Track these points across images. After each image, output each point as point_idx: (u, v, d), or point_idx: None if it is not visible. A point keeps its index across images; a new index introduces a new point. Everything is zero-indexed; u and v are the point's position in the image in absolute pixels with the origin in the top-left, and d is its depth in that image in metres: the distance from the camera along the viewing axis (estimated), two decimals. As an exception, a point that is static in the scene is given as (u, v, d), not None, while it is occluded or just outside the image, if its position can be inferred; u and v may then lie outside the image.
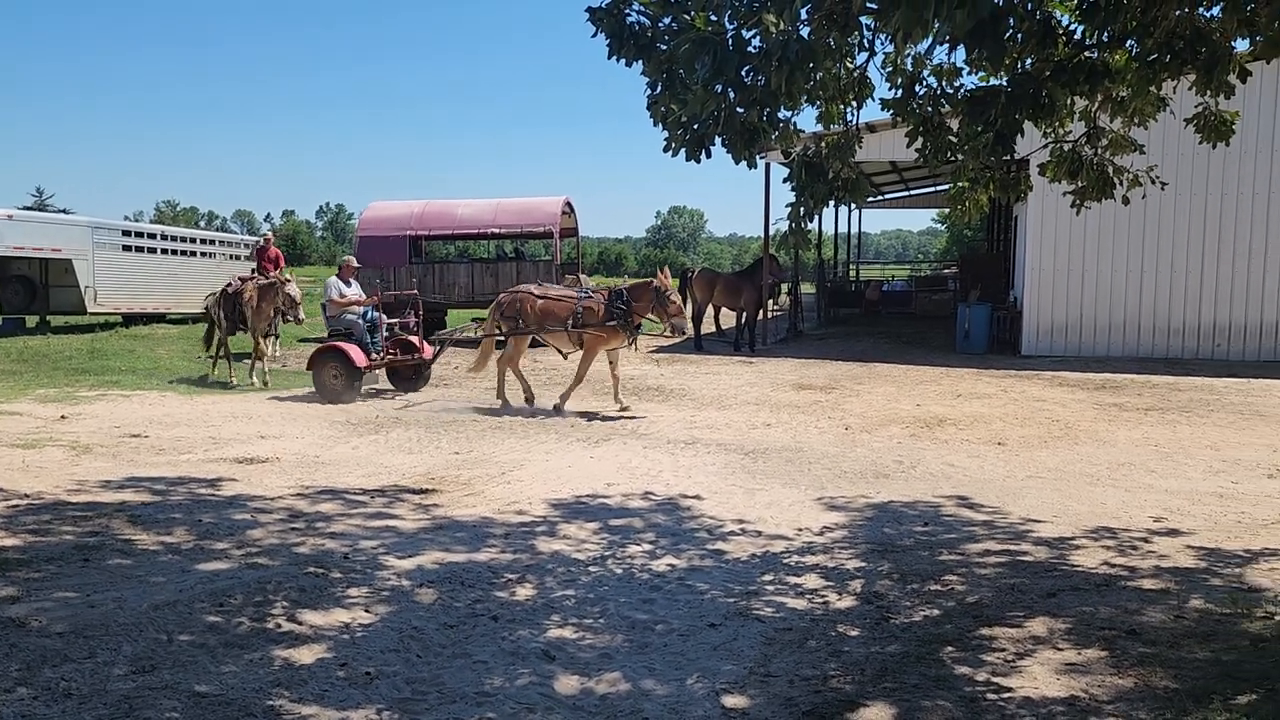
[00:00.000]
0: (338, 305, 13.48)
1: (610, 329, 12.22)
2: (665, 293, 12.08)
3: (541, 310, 12.55)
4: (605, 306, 12.21)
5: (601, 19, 4.84)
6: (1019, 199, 6.98)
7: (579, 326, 12.26)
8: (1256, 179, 17.70)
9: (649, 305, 12.17)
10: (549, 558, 6.39)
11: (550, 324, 12.53)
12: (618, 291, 12.46)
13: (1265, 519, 7.34)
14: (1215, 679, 4.44)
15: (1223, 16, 5.46)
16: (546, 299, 12.69)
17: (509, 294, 13.14)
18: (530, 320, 12.58)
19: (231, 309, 14.81)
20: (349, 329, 13.38)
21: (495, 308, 13.11)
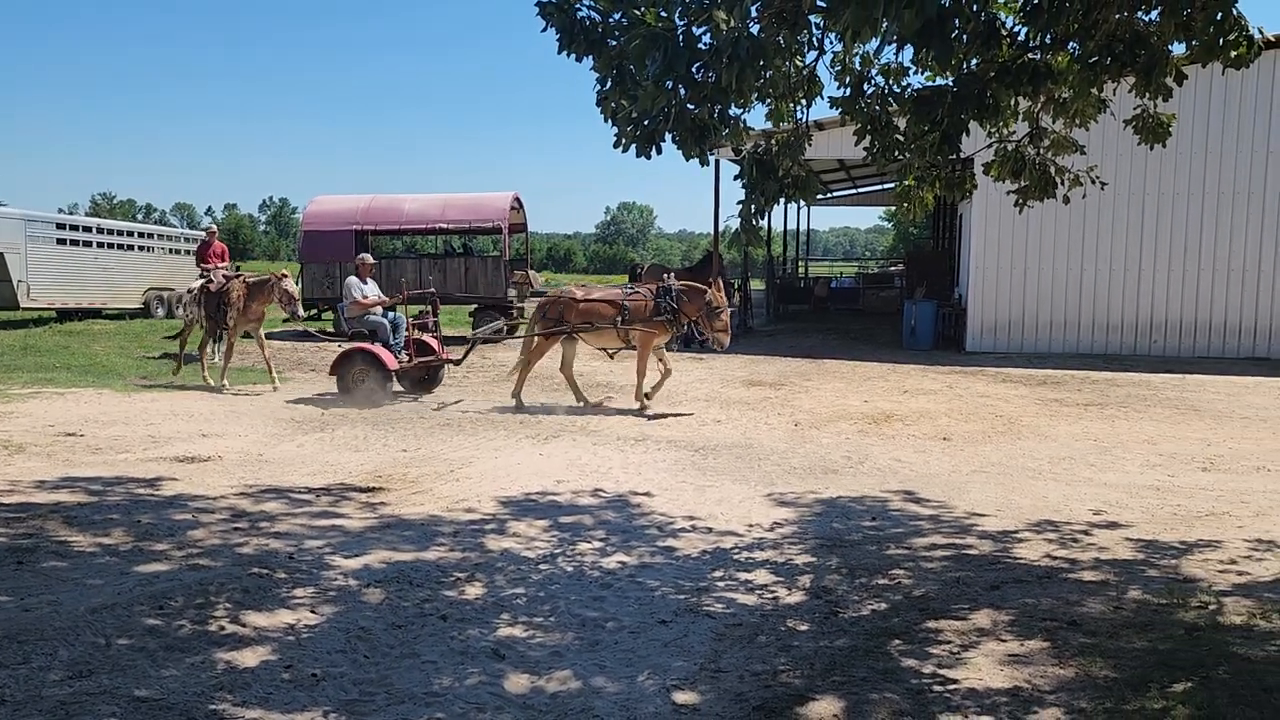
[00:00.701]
0: (361, 306, 12.92)
1: (659, 324, 12.13)
2: (717, 309, 12.02)
3: (586, 311, 12.39)
4: (653, 303, 12.13)
5: (552, 13, 4.81)
6: (964, 198, 7.08)
7: (627, 324, 12.15)
8: (1191, 180, 18.16)
9: (698, 311, 12.11)
10: (498, 556, 6.35)
11: (597, 323, 12.34)
12: (666, 288, 12.30)
13: (1199, 511, 7.53)
14: (1152, 668, 4.54)
15: (1160, 20, 5.58)
16: (590, 300, 12.54)
17: (551, 297, 12.95)
18: (574, 319, 12.40)
19: (215, 308, 13.93)
20: (374, 330, 12.82)
21: (538, 310, 12.89)
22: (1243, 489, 8.27)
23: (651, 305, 12.12)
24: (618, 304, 12.27)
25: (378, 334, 12.82)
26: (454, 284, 20.93)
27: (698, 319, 12.17)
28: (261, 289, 13.87)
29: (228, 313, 13.80)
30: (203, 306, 14.11)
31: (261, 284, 13.94)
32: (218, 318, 13.96)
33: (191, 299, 14.49)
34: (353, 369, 12.47)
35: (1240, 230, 18.19)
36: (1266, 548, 6.56)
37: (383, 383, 12.41)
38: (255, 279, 14.20)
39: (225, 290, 13.90)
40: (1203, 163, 18.06)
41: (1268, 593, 5.63)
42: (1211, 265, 18.35)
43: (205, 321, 14.17)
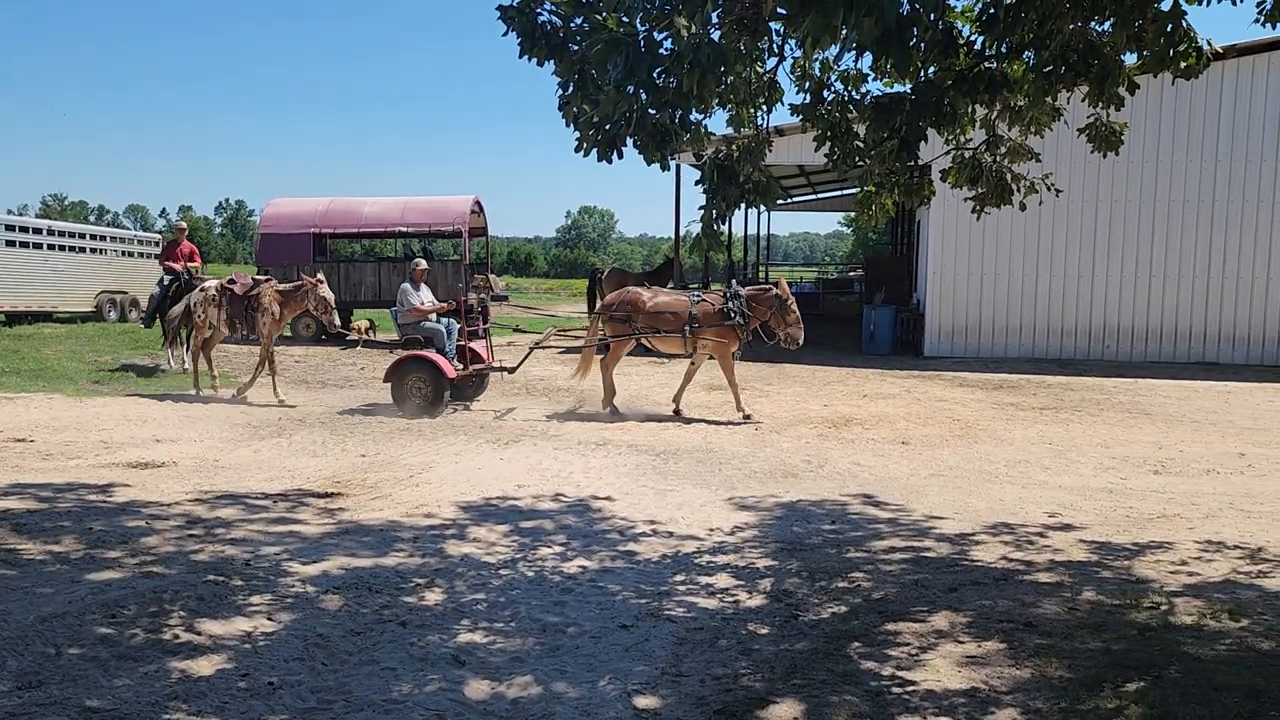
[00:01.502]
0: (418, 313, 12.57)
1: (729, 330, 11.99)
2: (787, 301, 11.94)
3: (654, 312, 12.23)
4: (722, 308, 12.02)
5: (513, 18, 4.81)
6: (922, 204, 7.16)
7: (696, 329, 12.02)
8: (1143, 188, 18.52)
9: (768, 311, 12.03)
10: (458, 561, 6.31)
11: (665, 326, 12.19)
12: (734, 293, 12.17)
13: (1151, 513, 7.67)
14: (1106, 668, 4.61)
15: (1113, 31, 5.69)
16: (659, 301, 12.38)
17: (618, 296, 12.71)
18: (642, 323, 12.25)
19: (242, 313, 13.11)
20: (430, 338, 12.40)
21: (603, 310, 12.66)
22: (1193, 491, 8.43)
23: (719, 311, 11.99)
24: (685, 310, 12.12)
25: (434, 341, 12.38)
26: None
27: (769, 319, 12.05)
28: (295, 295, 13.18)
29: (258, 318, 13.01)
30: (223, 310, 13.26)
31: (295, 289, 13.26)
32: (245, 323, 13.16)
33: (207, 301, 13.42)
34: (409, 378, 12.04)
35: (1190, 238, 18.57)
36: (1216, 549, 6.69)
37: (440, 392, 12.00)
38: (288, 286, 13.50)
39: (256, 295, 13.11)
40: (1154, 172, 18.42)
41: (1217, 593, 5.74)
42: (1162, 272, 18.72)
43: (224, 326, 13.32)
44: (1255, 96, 18.08)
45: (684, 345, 12.20)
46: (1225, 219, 18.43)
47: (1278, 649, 4.88)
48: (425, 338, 12.41)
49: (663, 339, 12.27)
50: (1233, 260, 18.53)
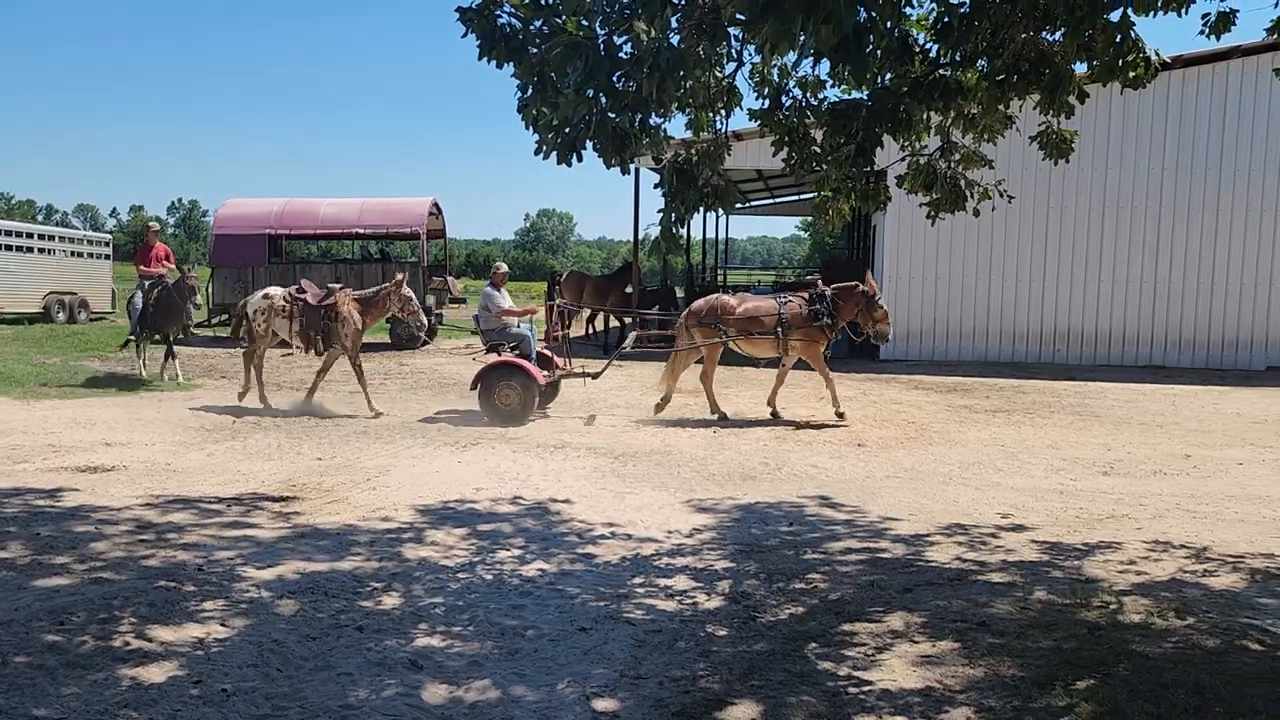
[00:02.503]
0: (506, 316, 12.27)
1: (818, 330, 11.96)
2: (874, 298, 11.90)
3: (745, 317, 12.15)
4: (808, 309, 11.97)
5: (472, 19, 4.79)
6: (878, 209, 7.24)
7: (786, 333, 11.95)
8: (1092, 195, 18.87)
9: (855, 309, 12.00)
10: (416, 565, 6.27)
11: (756, 330, 12.10)
12: (820, 293, 12.09)
13: (1101, 514, 7.81)
14: (1057, 666, 4.70)
15: (1064, 41, 5.80)
16: (748, 306, 12.27)
17: (704, 302, 12.57)
18: (734, 328, 12.16)
19: (319, 324, 12.16)
20: (516, 343, 12.13)
21: (691, 317, 12.48)
22: (1141, 492, 8.60)
23: (807, 312, 11.95)
24: (775, 312, 12.05)
25: (521, 347, 12.11)
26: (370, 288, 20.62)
27: (857, 317, 12.05)
28: (376, 300, 12.47)
29: (337, 329, 12.14)
30: (296, 321, 12.26)
31: (375, 294, 12.56)
32: (323, 336, 12.21)
33: (274, 312, 12.37)
34: (497, 384, 11.70)
35: (1138, 244, 18.95)
36: (1163, 549, 6.84)
37: (531, 399, 11.70)
38: (366, 294, 12.75)
39: (333, 305, 12.21)
40: (1103, 178, 18.78)
41: (1164, 592, 5.87)
42: (1111, 277, 19.08)
43: (297, 340, 12.36)
44: (1200, 106, 18.50)
45: (776, 348, 12.15)
46: (1171, 226, 18.82)
47: (1222, 646, 5.00)
48: (511, 344, 12.14)
49: (754, 342, 12.20)
50: (1179, 266, 18.94)
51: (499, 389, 11.67)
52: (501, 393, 11.66)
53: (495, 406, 11.63)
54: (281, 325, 12.40)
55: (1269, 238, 18.65)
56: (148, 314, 14.61)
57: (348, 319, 12.21)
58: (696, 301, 12.82)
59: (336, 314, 12.18)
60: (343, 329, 12.19)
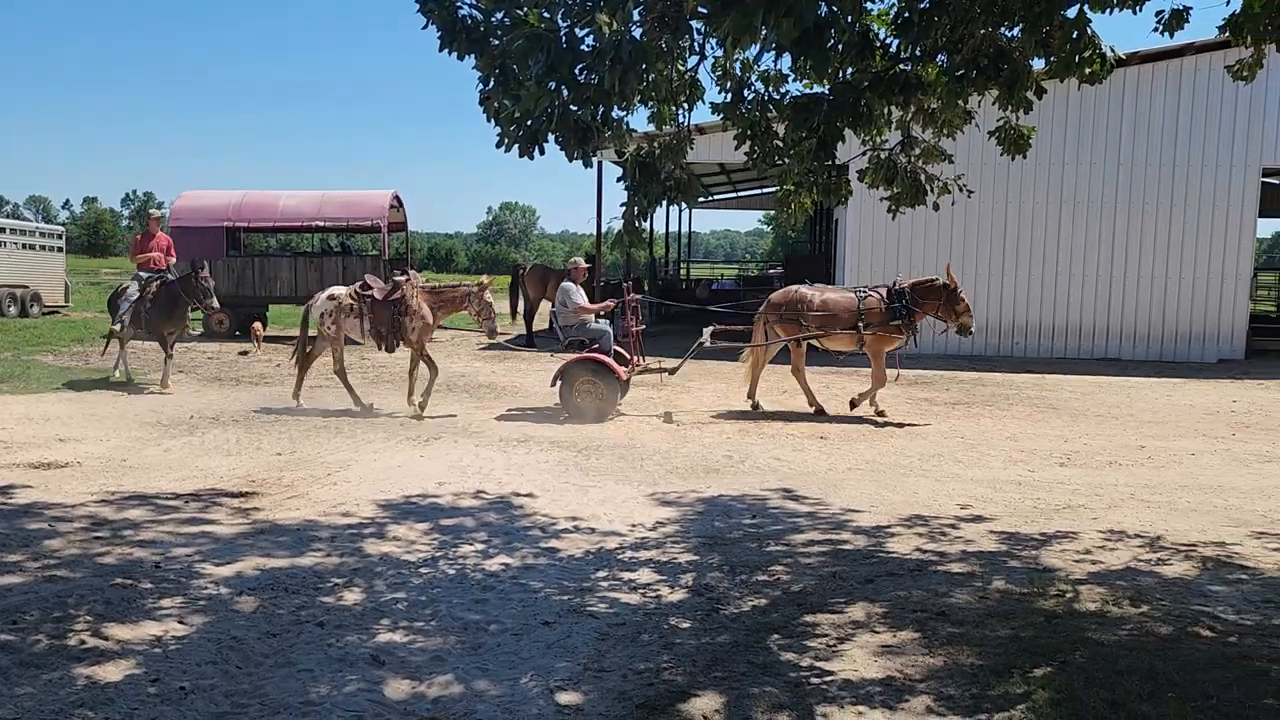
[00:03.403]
0: (584, 312, 12.10)
1: (895, 327, 11.79)
2: (955, 290, 11.74)
3: (822, 311, 11.98)
4: (886, 305, 11.79)
5: (433, 11, 4.75)
6: (840, 203, 7.29)
7: (867, 328, 11.77)
8: (1049, 190, 19.12)
9: (936, 304, 11.81)
10: (378, 560, 6.23)
11: (834, 326, 11.92)
12: (900, 290, 11.90)
13: (1057, 504, 7.93)
14: (1015, 654, 4.76)
15: (1022, 37, 5.86)
16: (827, 299, 12.08)
17: (782, 295, 12.39)
18: (811, 322, 11.99)
19: (389, 320, 11.74)
20: (595, 339, 11.91)
21: (770, 310, 12.29)
22: (1096, 483, 8.74)
23: (885, 308, 11.78)
24: (854, 307, 11.88)
25: (601, 343, 11.89)
26: (331, 283, 20.39)
27: (938, 311, 11.84)
28: (451, 297, 12.08)
29: (406, 323, 11.73)
30: (365, 319, 11.83)
31: (452, 290, 12.26)
32: (392, 332, 11.81)
33: (342, 311, 11.90)
34: (578, 380, 11.56)
35: (1094, 239, 19.23)
36: (1118, 538, 6.96)
37: (612, 395, 11.59)
38: (438, 287, 12.46)
39: (401, 300, 11.78)
40: (1060, 174, 19.03)
41: (1119, 580, 5.97)
42: (1068, 271, 19.35)
43: (369, 338, 11.97)
44: (1155, 102, 18.80)
45: (855, 343, 12.02)
46: (1127, 220, 19.12)
47: (1175, 633, 5.10)
48: (591, 339, 11.94)
49: (834, 337, 12.06)
50: (1134, 259, 19.24)
51: (579, 385, 11.57)
52: (582, 389, 11.56)
53: (575, 403, 11.54)
54: (352, 325, 11.98)
55: (1221, 233, 19.00)
56: (142, 310, 13.66)
57: (416, 312, 11.80)
58: (775, 294, 12.66)
59: (405, 307, 11.77)
60: (410, 322, 11.77)
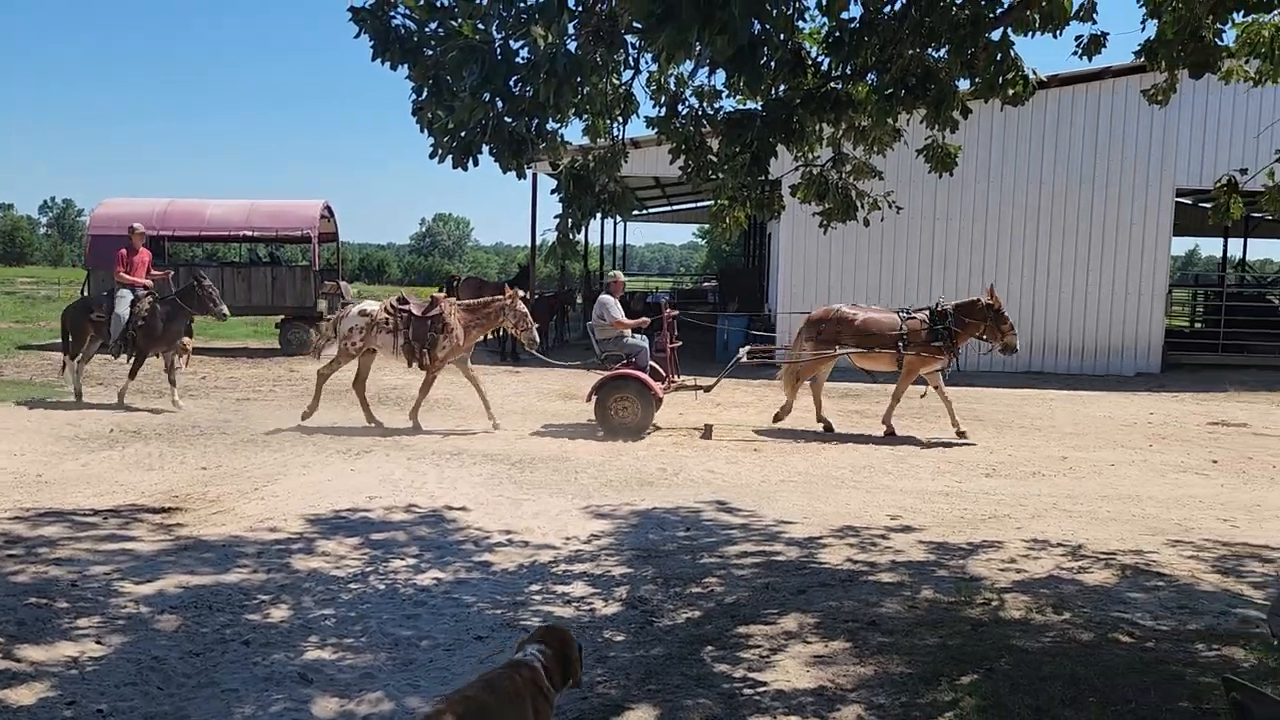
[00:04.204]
0: (621, 326, 11.89)
1: (936, 349, 11.59)
2: (1000, 310, 11.61)
3: (863, 330, 11.80)
4: (928, 327, 11.62)
5: (365, 20, 4.70)
6: (773, 217, 7.38)
7: (908, 348, 11.58)
8: (975, 207, 19.57)
9: (981, 324, 11.67)
10: (306, 576, 6.11)
11: (875, 345, 11.73)
12: (944, 311, 11.75)
13: (983, 514, 8.10)
14: (943, 662, 4.85)
15: (948, 58, 6.01)
16: (868, 318, 11.92)
17: (822, 313, 12.19)
18: (851, 341, 11.80)
19: (424, 336, 11.46)
20: (632, 354, 11.75)
21: (809, 328, 12.09)
22: (1021, 493, 8.95)
23: (929, 329, 11.64)
24: (895, 327, 11.73)
25: (638, 359, 11.76)
26: (259, 294, 20.03)
27: (982, 332, 11.73)
28: (486, 312, 11.87)
29: (441, 340, 11.47)
30: (400, 335, 11.53)
31: (484, 305, 11.98)
32: (425, 348, 11.51)
33: (375, 326, 11.58)
34: (613, 396, 11.44)
35: (1018, 254, 19.72)
36: (1041, 547, 7.13)
37: (649, 412, 11.47)
38: (475, 302, 12.28)
39: (439, 316, 11.53)
40: (985, 191, 19.50)
41: (1042, 588, 6.12)
42: (994, 285, 19.79)
43: (400, 355, 11.67)
44: (1075, 123, 19.37)
45: (895, 363, 11.86)
46: (1049, 237, 19.65)
47: (1096, 640, 5.24)
48: (628, 355, 11.79)
49: (873, 357, 11.91)
50: (1055, 275, 19.77)
51: (615, 401, 11.47)
52: (618, 405, 11.46)
53: (611, 419, 11.44)
54: (384, 340, 11.67)
55: (1138, 251, 19.63)
56: (145, 327, 12.91)
57: (453, 330, 11.60)
58: (814, 312, 12.53)
59: (444, 325, 11.57)
60: (445, 340, 11.55)
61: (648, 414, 11.48)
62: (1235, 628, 5.43)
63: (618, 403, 11.46)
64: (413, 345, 11.56)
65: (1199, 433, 12.58)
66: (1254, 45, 6.76)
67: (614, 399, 11.47)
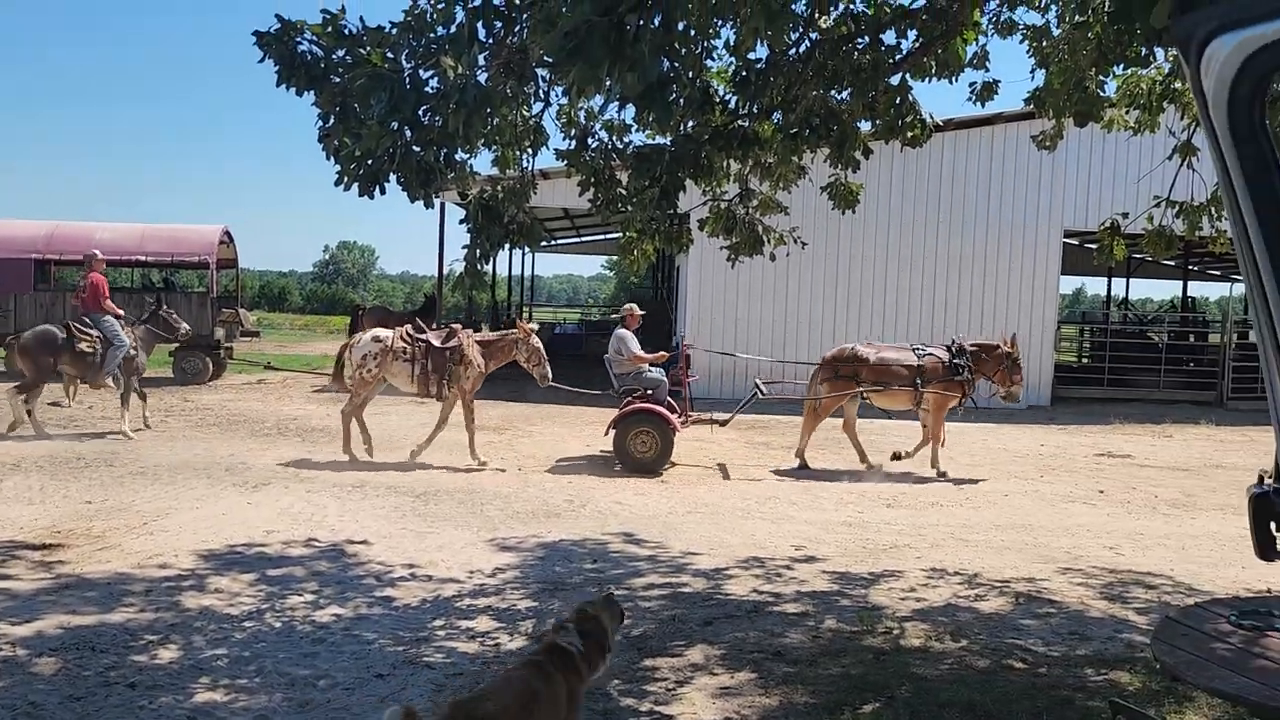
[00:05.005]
0: (640, 361, 11.76)
1: (956, 385, 11.57)
2: (1017, 359, 11.77)
3: (880, 371, 11.71)
4: (947, 364, 11.64)
5: (270, 45, 4.62)
6: (681, 251, 7.47)
7: (925, 386, 11.52)
8: (876, 244, 20.14)
9: (996, 369, 11.75)
10: (197, 614, 5.88)
11: (892, 382, 11.65)
12: (960, 348, 11.82)
13: (885, 544, 8.27)
14: (846, 691, 4.91)
15: (850, 101, 6.21)
16: (884, 357, 11.86)
17: (837, 352, 12.12)
18: (869, 379, 11.70)
19: (443, 367, 11.31)
20: (652, 389, 11.62)
21: (826, 367, 12.00)
22: (920, 523, 9.16)
23: (947, 366, 11.65)
24: (913, 363, 11.72)
25: (656, 394, 11.59)
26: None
27: (994, 376, 11.80)
28: (501, 345, 11.81)
29: (460, 372, 11.36)
30: (417, 364, 11.37)
31: (500, 339, 11.96)
32: (443, 379, 11.36)
33: (388, 354, 11.36)
34: (633, 431, 11.32)
35: (916, 290, 20.33)
36: (939, 576, 7.30)
37: (668, 446, 11.36)
38: (490, 336, 12.27)
39: (457, 347, 11.42)
40: (885, 229, 20.08)
41: (941, 616, 6.26)
42: (894, 321, 20.34)
43: (413, 384, 11.48)
44: (970, 166, 20.15)
45: (912, 401, 11.89)
46: (946, 274, 20.31)
47: (992, 666, 5.38)
48: (647, 389, 11.65)
49: (889, 395, 11.90)
50: (953, 311, 20.42)
51: (635, 436, 11.38)
52: (638, 440, 11.37)
53: (631, 454, 11.34)
54: (400, 370, 11.43)
55: (1029, 288, 20.42)
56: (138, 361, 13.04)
57: (472, 362, 11.46)
58: (830, 351, 12.54)
59: (461, 356, 11.41)
60: (464, 371, 11.42)
61: (667, 449, 11.46)
62: (1122, 652, 5.64)
63: (637, 438, 11.41)
64: (429, 376, 11.41)
65: (1086, 464, 13.08)
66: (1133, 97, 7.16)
67: (634, 434, 11.42)
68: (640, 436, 11.41)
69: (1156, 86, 7.01)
